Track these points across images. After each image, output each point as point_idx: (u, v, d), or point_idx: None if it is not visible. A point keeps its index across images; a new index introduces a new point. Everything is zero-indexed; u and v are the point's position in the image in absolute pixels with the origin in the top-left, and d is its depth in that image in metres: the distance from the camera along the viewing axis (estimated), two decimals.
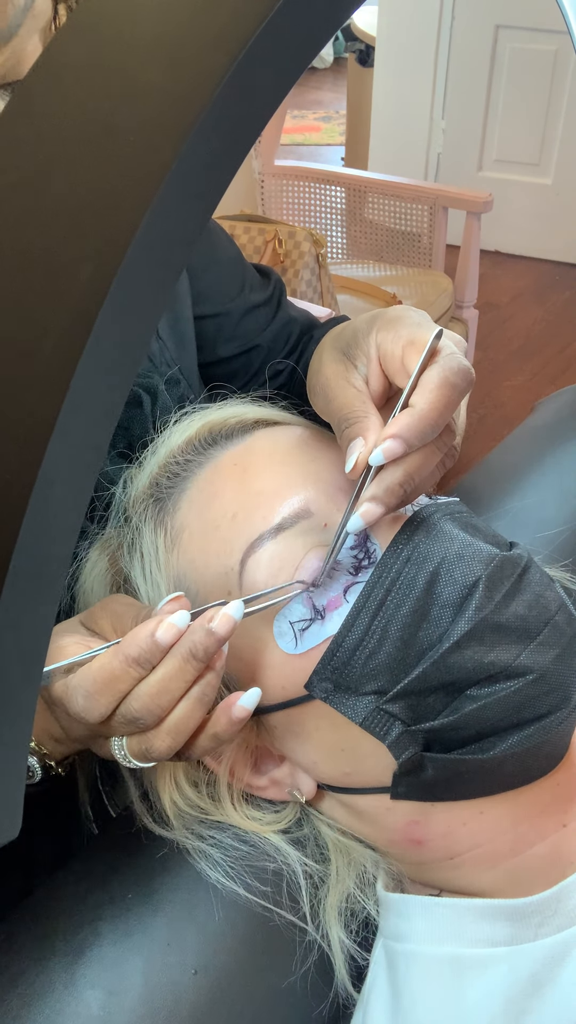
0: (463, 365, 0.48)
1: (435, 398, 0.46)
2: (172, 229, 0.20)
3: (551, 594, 0.48)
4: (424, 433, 0.46)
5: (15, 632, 0.21)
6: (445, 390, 0.47)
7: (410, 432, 0.46)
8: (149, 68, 0.20)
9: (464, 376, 0.48)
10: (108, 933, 0.48)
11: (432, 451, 0.48)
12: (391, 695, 0.45)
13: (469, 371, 0.48)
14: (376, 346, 0.51)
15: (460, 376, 0.47)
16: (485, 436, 2.21)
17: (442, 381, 0.47)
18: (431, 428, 0.46)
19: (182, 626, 0.42)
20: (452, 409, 0.47)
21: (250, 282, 0.76)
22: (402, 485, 0.47)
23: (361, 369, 0.52)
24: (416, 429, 0.46)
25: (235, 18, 0.19)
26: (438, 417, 0.46)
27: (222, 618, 0.42)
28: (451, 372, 0.47)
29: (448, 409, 0.47)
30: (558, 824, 0.48)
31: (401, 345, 0.49)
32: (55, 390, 0.19)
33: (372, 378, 0.51)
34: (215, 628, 0.42)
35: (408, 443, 0.46)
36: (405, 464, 0.47)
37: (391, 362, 0.50)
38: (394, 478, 0.46)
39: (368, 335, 0.52)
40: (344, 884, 0.52)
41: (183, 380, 0.67)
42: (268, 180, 2.13)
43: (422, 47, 2.84)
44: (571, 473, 0.76)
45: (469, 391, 0.49)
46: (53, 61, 0.21)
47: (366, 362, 0.51)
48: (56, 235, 0.19)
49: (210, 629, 0.42)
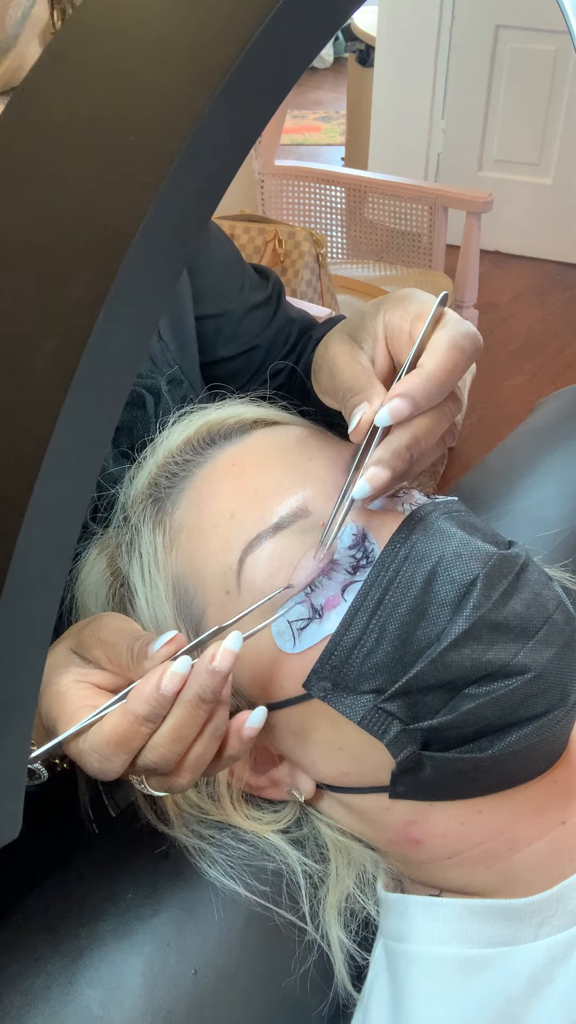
0: (470, 329, 0.48)
1: (443, 359, 0.46)
2: (172, 229, 0.20)
3: (549, 592, 0.48)
4: (431, 394, 0.45)
5: (15, 633, 0.21)
6: (454, 352, 0.46)
7: (419, 392, 0.45)
8: (149, 68, 0.20)
9: (472, 340, 0.47)
10: (108, 933, 0.48)
11: (439, 416, 0.47)
12: (389, 694, 0.45)
13: (476, 336, 0.48)
14: (384, 325, 0.51)
15: (468, 340, 0.47)
16: (485, 436, 2.20)
17: (450, 343, 0.46)
18: (439, 389, 0.46)
19: (184, 673, 0.41)
20: (460, 373, 0.47)
21: (249, 282, 0.76)
22: (409, 448, 0.46)
23: (367, 349, 0.52)
24: (423, 389, 0.45)
25: (235, 18, 0.19)
26: (446, 378, 0.46)
27: (223, 655, 0.41)
28: (459, 335, 0.47)
29: (456, 371, 0.46)
30: (557, 822, 0.48)
31: (409, 319, 0.49)
32: (56, 390, 0.19)
33: (378, 357, 0.51)
34: (218, 667, 0.41)
35: (415, 402, 0.45)
36: (412, 427, 0.46)
37: (399, 337, 0.50)
38: (401, 441, 0.46)
39: (375, 316, 0.52)
40: (344, 884, 0.52)
41: (185, 380, 0.67)
42: (268, 180, 2.13)
43: (422, 47, 2.84)
44: (571, 473, 0.76)
45: (476, 357, 0.48)
46: (53, 62, 0.21)
47: (372, 343, 0.52)
48: (56, 235, 0.19)
49: (214, 669, 0.41)
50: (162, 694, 0.40)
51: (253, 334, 0.75)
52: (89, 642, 0.45)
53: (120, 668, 0.44)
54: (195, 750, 0.42)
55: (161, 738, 0.41)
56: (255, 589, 0.49)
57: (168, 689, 0.40)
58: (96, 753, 0.41)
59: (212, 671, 0.41)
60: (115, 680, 0.45)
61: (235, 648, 0.41)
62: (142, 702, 0.41)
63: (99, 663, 0.45)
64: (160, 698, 0.40)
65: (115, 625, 0.46)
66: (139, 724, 0.41)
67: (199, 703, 0.41)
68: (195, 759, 0.43)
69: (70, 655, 0.46)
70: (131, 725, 0.41)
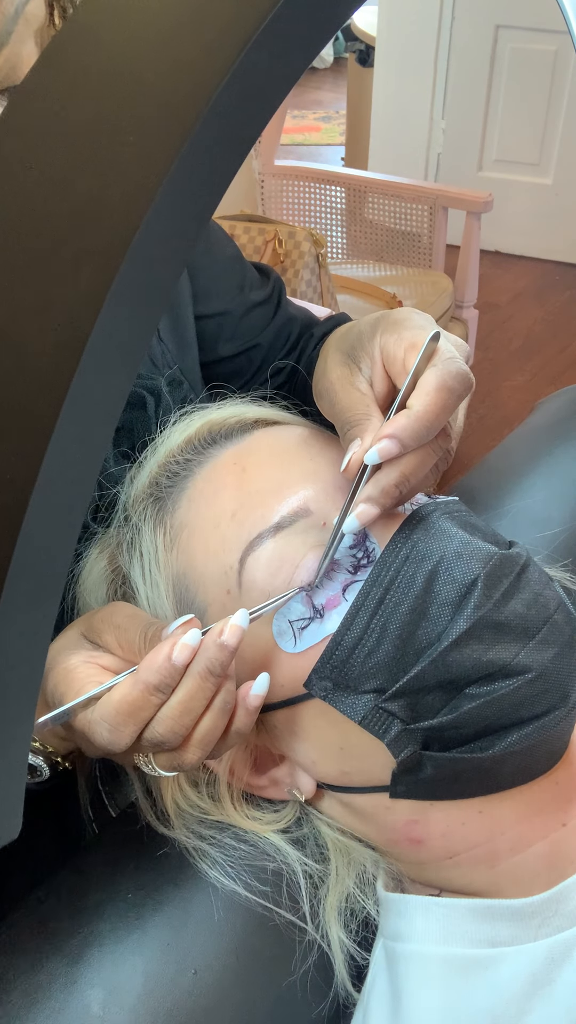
0: (461, 369, 0.48)
1: (431, 401, 0.46)
2: (172, 229, 0.20)
3: (550, 592, 0.48)
4: (419, 435, 0.46)
5: (15, 633, 0.21)
6: (442, 394, 0.47)
7: (405, 433, 0.46)
8: (149, 68, 0.20)
9: (462, 380, 0.48)
10: (108, 933, 0.48)
11: (428, 453, 0.48)
12: (390, 693, 0.45)
13: (468, 376, 0.48)
14: (380, 348, 0.51)
15: (458, 380, 0.48)
16: (485, 436, 2.20)
17: (440, 384, 0.47)
18: (427, 430, 0.46)
19: (195, 645, 0.42)
20: (448, 412, 0.47)
21: (250, 281, 0.76)
22: (397, 486, 0.47)
23: (365, 372, 0.52)
24: (411, 430, 0.46)
25: (235, 18, 0.19)
26: (434, 420, 0.46)
27: (231, 629, 0.43)
28: (449, 376, 0.47)
29: (444, 412, 0.47)
30: (557, 823, 0.48)
31: (403, 347, 0.49)
32: (56, 390, 0.19)
33: (376, 380, 0.51)
34: (226, 641, 0.42)
35: (403, 444, 0.46)
36: (400, 465, 0.47)
37: (393, 364, 0.50)
38: (389, 479, 0.47)
39: (372, 338, 0.52)
40: (344, 884, 0.52)
41: (185, 381, 0.67)
42: (268, 180, 2.13)
43: (422, 47, 2.84)
44: (571, 473, 0.76)
45: (467, 396, 0.49)
46: (52, 62, 0.21)
47: (370, 364, 0.52)
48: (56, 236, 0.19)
49: (222, 643, 0.42)
50: (173, 664, 0.42)
51: (254, 333, 0.75)
52: (101, 626, 0.47)
53: (131, 653, 0.45)
54: (203, 724, 0.43)
55: (170, 710, 0.42)
56: (256, 588, 0.49)
57: (179, 660, 0.42)
58: (106, 723, 0.42)
59: (221, 644, 0.42)
60: (123, 665, 0.46)
61: (243, 624, 0.43)
62: (153, 671, 0.42)
63: (109, 647, 0.46)
64: (171, 668, 0.42)
65: (128, 611, 0.47)
66: (149, 693, 0.42)
67: (208, 675, 0.42)
68: (203, 733, 0.44)
69: (80, 639, 0.47)
70: (141, 694, 0.42)
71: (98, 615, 0.47)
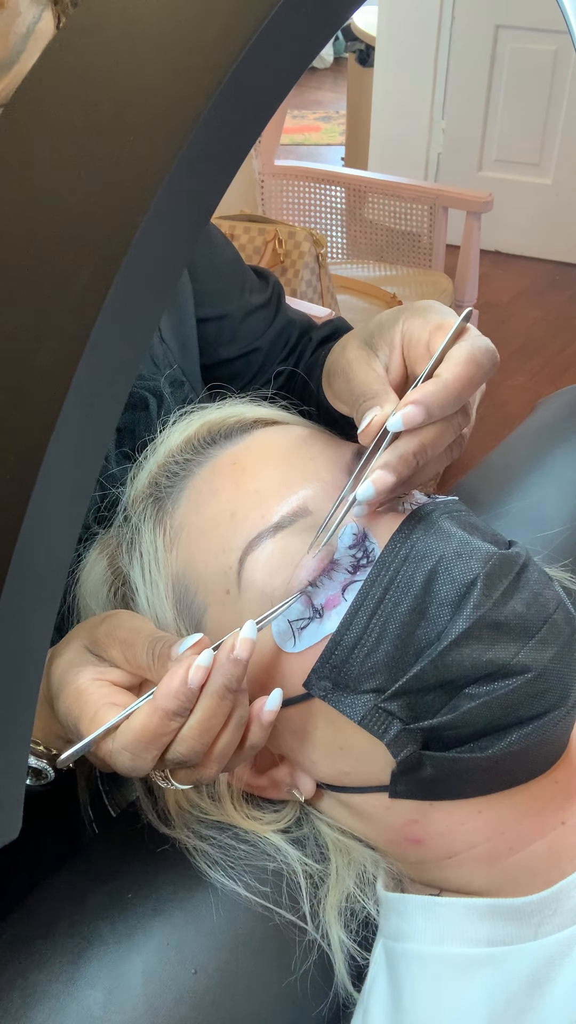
0: (490, 346, 0.49)
1: (461, 371, 0.47)
2: (172, 230, 0.20)
3: (549, 592, 0.48)
4: (446, 404, 0.46)
5: (15, 633, 0.21)
6: (471, 366, 0.47)
7: (433, 400, 0.46)
8: (149, 68, 0.20)
9: (490, 357, 0.48)
10: (108, 933, 0.48)
11: (447, 427, 0.48)
12: (389, 693, 0.46)
13: (494, 353, 0.49)
14: (401, 334, 0.51)
15: (486, 355, 0.48)
16: (485, 436, 2.20)
17: (469, 356, 0.47)
18: (454, 400, 0.46)
19: (209, 665, 0.42)
20: (475, 387, 0.47)
21: (249, 285, 0.76)
22: (416, 455, 0.46)
23: (382, 357, 0.52)
24: (439, 398, 0.46)
25: (235, 18, 0.19)
26: (461, 390, 0.46)
27: (242, 643, 0.42)
28: (478, 349, 0.48)
29: (471, 385, 0.47)
30: (557, 822, 0.48)
31: (429, 330, 0.50)
32: (55, 391, 0.19)
33: (392, 366, 0.52)
34: (239, 655, 0.42)
35: (429, 410, 0.46)
36: (421, 435, 0.47)
37: (416, 347, 0.50)
38: (409, 447, 0.46)
39: (394, 325, 0.52)
40: (344, 884, 0.52)
41: (187, 382, 0.67)
42: (268, 180, 2.13)
43: (422, 47, 2.84)
44: (571, 473, 0.76)
45: (492, 373, 0.49)
46: (53, 62, 0.21)
47: (388, 351, 0.52)
48: (56, 237, 0.19)
49: (236, 658, 0.42)
50: (189, 688, 0.42)
51: (253, 336, 0.75)
52: (105, 640, 0.46)
53: (139, 669, 0.45)
54: (222, 740, 0.44)
55: (190, 730, 0.42)
56: (255, 589, 0.49)
57: (195, 682, 0.42)
58: (127, 751, 0.42)
59: (235, 660, 0.42)
60: (132, 679, 0.46)
61: (252, 636, 0.43)
62: (171, 698, 0.42)
63: (116, 662, 0.46)
64: (188, 692, 0.42)
65: (132, 624, 0.46)
66: (168, 719, 0.42)
67: (225, 693, 0.42)
68: (222, 749, 0.44)
69: (84, 653, 0.47)
70: (160, 721, 0.42)
71: (100, 628, 0.47)
